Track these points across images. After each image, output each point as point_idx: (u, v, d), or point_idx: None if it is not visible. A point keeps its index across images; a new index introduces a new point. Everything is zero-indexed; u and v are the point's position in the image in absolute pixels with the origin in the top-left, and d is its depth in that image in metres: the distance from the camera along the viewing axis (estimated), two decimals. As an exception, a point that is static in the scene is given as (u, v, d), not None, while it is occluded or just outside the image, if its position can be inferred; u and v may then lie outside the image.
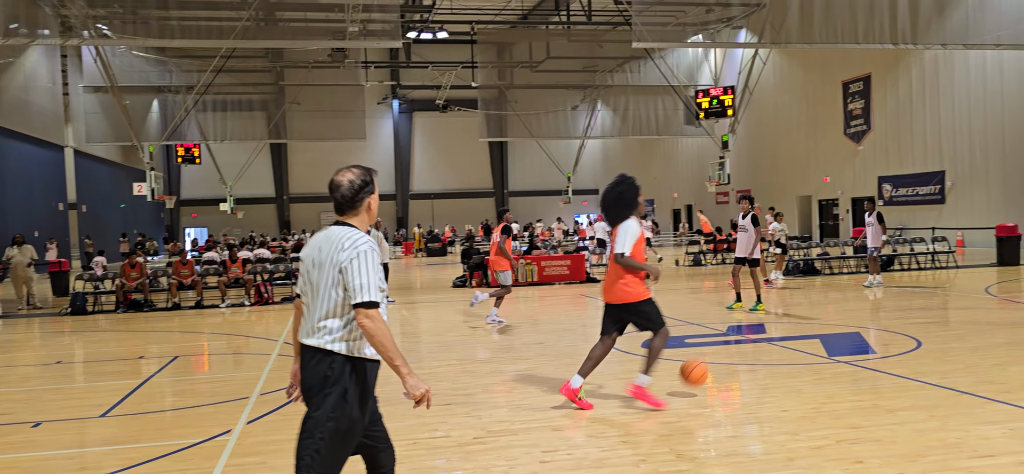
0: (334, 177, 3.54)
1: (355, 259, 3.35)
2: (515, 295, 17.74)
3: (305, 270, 3.52)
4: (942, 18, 23.13)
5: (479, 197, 59.45)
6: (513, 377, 8.19)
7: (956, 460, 4.95)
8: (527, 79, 43.97)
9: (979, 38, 23.17)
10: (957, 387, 6.91)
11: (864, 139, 33.13)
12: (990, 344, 9.22)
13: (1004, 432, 5.52)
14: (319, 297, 3.42)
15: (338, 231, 3.46)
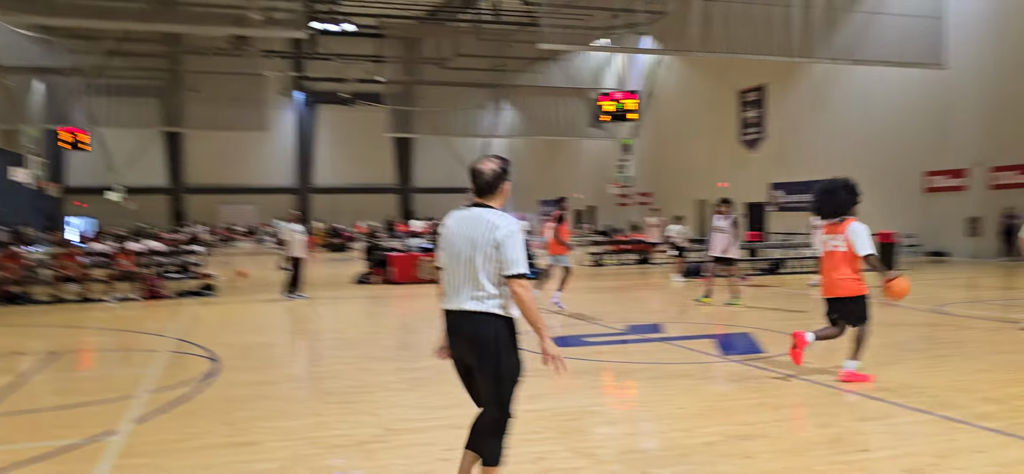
0: (476, 165, 4.09)
1: (509, 237, 3.90)
2: (419, 293, 17.63)
3: (451, 246, 4.04)
4: (832, 34, 24.30)
5: (383, 193, 58.81)
6: (414, 375, 8.13)
7: (837, 455, 5.21)
8: (434, 76, 43.77)
9: (865, 55, 24.46)
10: (838, 385, 7.26)
11: (758, 146, 34.47)
12: (870, 343, 9.73)
13: (881, 428, 5.83)
14: (474, 269, 3.96)
15: (485, 213, 3.99)
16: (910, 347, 9.49)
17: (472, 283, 3.98)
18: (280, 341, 11.18)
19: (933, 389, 7.12)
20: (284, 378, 8.27)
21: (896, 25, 24.38)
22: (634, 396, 7.22)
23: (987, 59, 24.61)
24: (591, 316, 12.82)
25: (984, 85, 24.75)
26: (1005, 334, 10.23)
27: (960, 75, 25.09)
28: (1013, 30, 23.85)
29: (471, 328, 4.01)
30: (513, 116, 47.49)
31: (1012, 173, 24.04)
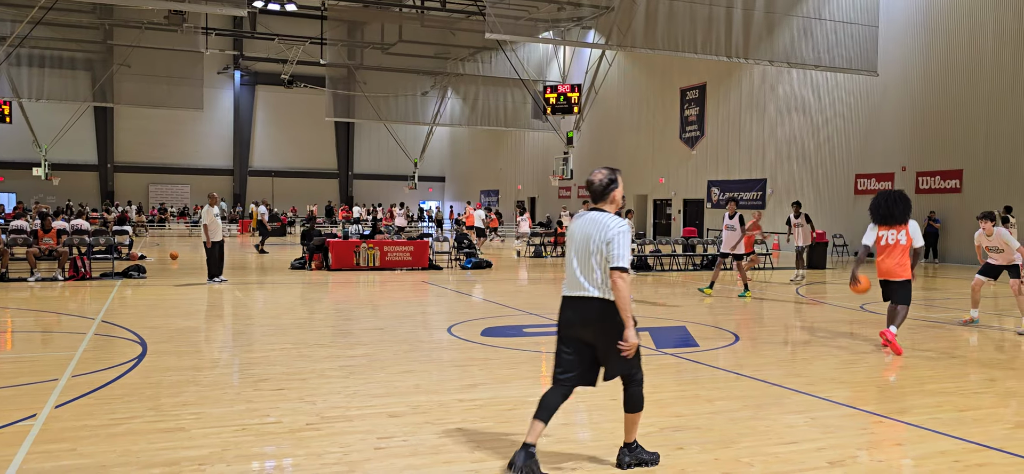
0: (590, 176, 4.84)
1: (619, 236, 4.57)
2: (355, 279, 17.46)
3: (573, 243, 4.77)
4: (771, 37, 24.83)
5: (323, 178, 58.01)
6: (350, 362, 8.05)
7: (765, 446, 5.34)
8: (377, 61, 43.30)
9: (801, 58, 25.07)
10: (768, 379, 7.45)
11: (697, 144, 35.05)
12: (798, 340, 10.02)
13: (806, 420, 6.00)
14: (591, 263, 4.65)
15: (600, 216, 4.71)
16: (835, 344, 9.78)
17: (589, 274, 4.67)
18: (211, 326, 10.94)
19: (856, 384, 7.35)
20: (214, 364, 8.09)
21: (833, 31, 25.06)
22: (570, 387, 7.27)
23: (914, 67, 25.48)
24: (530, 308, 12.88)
25: (911, 92, 25.62)
26: (924, 332, 10.62)
27: (889, 82, 25.93)
28: (939, 40, 24.74)
29: (589, 312, 4.67)
30: (457, 105, 47.31)
31: (935, 177, 24.96)
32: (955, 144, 24.34)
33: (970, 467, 4.98)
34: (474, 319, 11.40)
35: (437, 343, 9.45)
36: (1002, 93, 22.98)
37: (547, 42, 40.38)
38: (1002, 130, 22.99)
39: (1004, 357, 9.01)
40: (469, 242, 22.71)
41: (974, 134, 23.78)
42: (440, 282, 17.18)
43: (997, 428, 5.89)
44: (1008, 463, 5.08)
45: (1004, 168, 22.84)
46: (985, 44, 23.47)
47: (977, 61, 23.69)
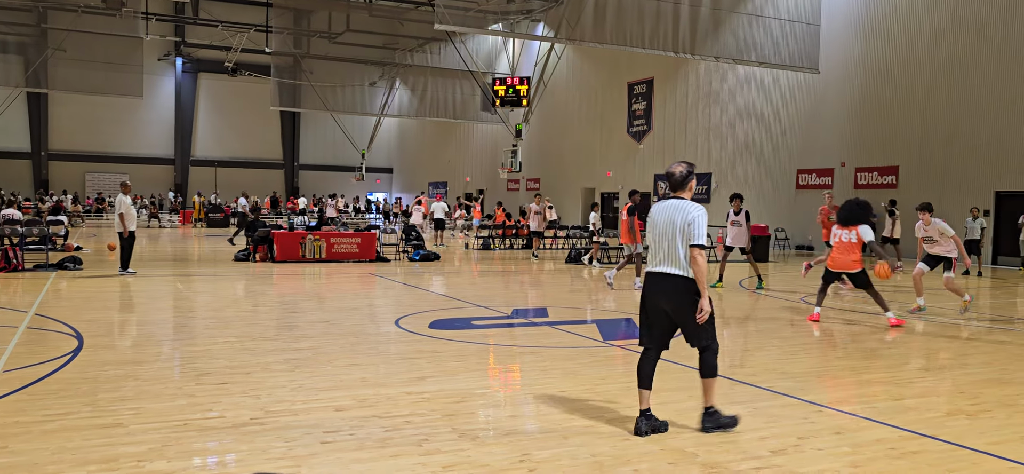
0: (669, 168, 5.56)
1: (698, 219, 5.28)
2: (300, 272, 17.24)
3: (657, 227, 5.46)
4: (717, 33, 25.19)
5: (267, 168, 57.06)
6: (295, 356, 7.94)
7: (711, 436, 5.42)
8: (324, 50, 42.71)
9: (746, 55, 25.50)
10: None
11: (644, 139, 35.42)
12: (742, 332, 10.20)
13: (750, 410, 6.11)
14: (670, 243, 5.35)
15: (680, 203, 5.42)
16: (775, 335, 9.99)
17: (673, 254, 5.34)
18: (151, 319, 10.68)
19: (796, 375, 7.52)
20: (154, 358, 7.90)
21: (776, 29, 25.53)
22: (517, 379, 7.30)
23: (854, 66, 26.12)
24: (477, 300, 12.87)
25: (851, 90, 26.27)
26: (861, 325, 10.91)
27: (830, 80, 26.54)
28: (878, 40, 25.40)
29: (671, 286, 5.35)
30: (405, 96, 46.97)
31: (873, 173, 25.65)
32: (892, 141, 25.04)
33: (906, 454, 5.14)
34: (422, 311, 11.35)
35: (384, 336, 9.38)
36: (937, 93, 23.70)
37: (496, 34, 40.36)
38: (936, 128, 23.73)
39: (938, 346, 9.31)
40: (417, 234, 22.59)
41: (910, 132, 24.49)
42: (388, 274, 17.06)
43: (931, 416, 6.08)
44: (941, 450, 5.25)
45: (938, 165, 23.58)
46: (921, 45, 24.17)
47: (913, 61, 24.39)
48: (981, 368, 8.04)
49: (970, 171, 22.66)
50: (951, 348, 9.26)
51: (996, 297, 14.83)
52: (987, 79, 22.35)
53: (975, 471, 4.84)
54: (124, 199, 15.60)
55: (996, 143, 22.13)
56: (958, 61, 23.12)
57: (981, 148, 22.49)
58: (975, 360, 8.50)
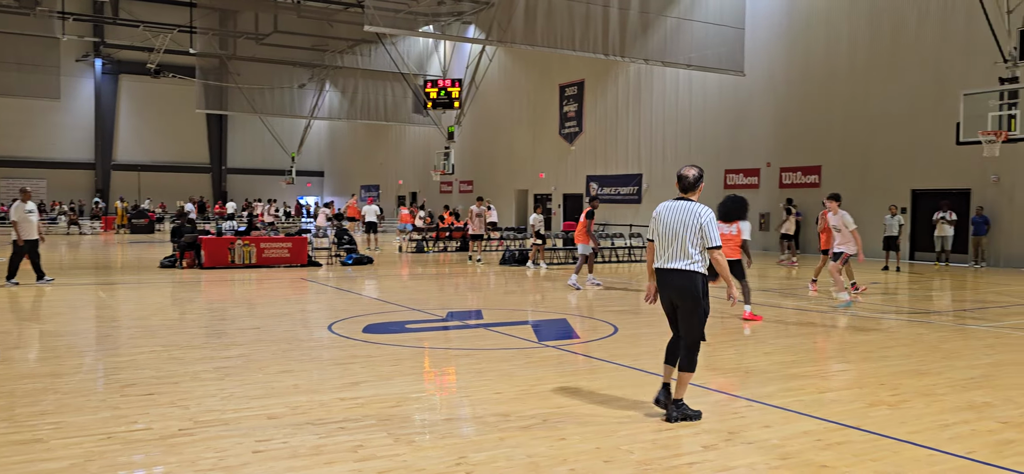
0: (681, 171, 5.99)
1: (709, 222, 5.74)
2: (229, 278, 16.86)
3: (663, 226, 5.86)
4: (646, 36, 25.60)
5: (193, 172, 55.60)
6: (225, 364, 7.75)
7: (643, 433, 5.51)
8: (252, 51, 41.81)
9: (674, 57, 25.98)
10: (646, 368, 7.69)
11: (576, 140, 35.76)
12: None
13: (682, 408, 6.22)
14: (680, 242, 5.76)
15: (690, 205, 5.83)
16: (707, 332, 10.19)
17: (682, 251, 5.77)
18: (71, 329, 10.29)
19: (726, 371, 7.70)
20: (75, 369, 7.61)
21: (703, 32, 26.08)
22: (453, 382, 7.28)
23: (777, 69, 26.87)
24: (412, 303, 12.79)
25: (775, 93, 27.02)
26: (789, 320, 11.24)
27: (755, 82, 27.25)
28: (799, 45, 26.19)
29: (680, 281, 5.77)
30: (335, 98, 46.37)
31: (797, 173, 26.43)
32: (815, 142, 25.83)
33: (832, 445, 5.31)
34: (355, 316, 11.22)
35: (317, 341, 9.25)
36: (855, 96, 24.56)
37: (427, 36, 40.18)
38: (856, 129, 24.58)
39: (859, 340, 9.64)
40: (350, 238, 22.32)
41: (831, 133, 25.31)
42: (320, 279, 16.81)
43: (855, 407, 6.29)
44: (864, 440, 5.44)
45: (858, 164, 24.43)
46: (840, 49, 25.00)
47: (833, 66, 25.22)
48: (901, 360, 8.36)
49: (888, 170, 23.55)
50: (873, 341, 9.60)
51: (913, 291, 15.44)
52: (902, 83, 23.26)
53: (896, 459, 5.03)
54: (21, 205, 14.85)
55: (911, 143, 23.05)
56: (875, 66, 24.01)
57: (898, 148, 23.39)
58: (895, 352, 8.83)
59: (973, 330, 10.51)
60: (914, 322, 11.18)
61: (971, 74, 20.50)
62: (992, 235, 21.20)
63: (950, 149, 20.06)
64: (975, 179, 21.62)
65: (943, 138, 21.04)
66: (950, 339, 9.66)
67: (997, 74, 16.35)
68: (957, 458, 5.05)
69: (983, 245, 21.15)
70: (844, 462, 4.95)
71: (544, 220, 20.89)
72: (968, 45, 21.09)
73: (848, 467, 4.86)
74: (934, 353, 8.72)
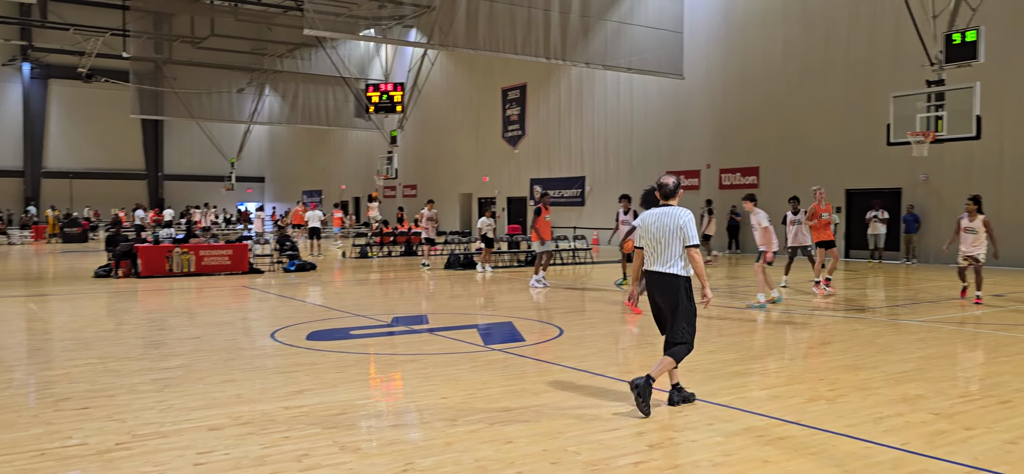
0: (662, 179, 6.38)
1: (688, 223, 6.13)
2: (168, 287, 16.46)
3: (650, 232, 6.21)
4: (587, 40, 25.83)
5: (129, 179, 54.15)
6: (164, 375, 7.56)
7: (590, 434, 5.55)
8: (188, 55, 40.93)
9: (615, 61, 26.28)
10: (591, 369, 7.75)
11: (519, 143, 35.86)
12: (618, 331, 10.49)
13: (628, 408, 6.29)
14: (667, 246, 6.12)
15: (671, 209, 6.21)
16: (649, 332, 10.32)
17: (667, 255, 6.12)
18: (1, 343, 9.91)
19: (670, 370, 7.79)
20: (5, 384, 7.33)
21: (643, 36, 26.45)
22: (399, 388, 7.23)
23: (716, 73, 27.40)
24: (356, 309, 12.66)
25: (713, 96, 27.53)
26: (730, 319, 11.45)
27: (694, 85, 27.73)
28: (736, 49, 26.75)
29: (665, 283, 6.15)
30: (275, 103, 45.65)
31: (736, 174, 26.97)
32: (752, 143, 26.40)
33: (773, 440, 5.42)
34: (299, 323, 11.06)
35: (260, 350, 9.09)
36: (791, 98, 25.17)
37: (368, 40, 39.81)
38: (792, 131, 25.19)
39: (798, 337, 9.87)
40: (292, 244, 22.00)
41: (768, 134, 25.90)
42: (262, 286, 16.52)
43: (794, 402, 6.44)
44: (805, 434, 5.57)
45: (795, 165, 25.03)
46: (775, 53, 25.61)
47: (769, 69, 25.81)
48: (838, 355, 8.59)
49: (823, 170, 24.17)
50: (811, 338, 9.84)
51: (849, 288, 15.87)
52: (835, 85, 23.92)
53: (834, 452, 5.17)
54: None
55: (845, 144, 23.72)
56: (809, 69, 24.64)
57: (832, 149, 24.05)
58: (832, 348, 9.07)
59: (905, 325, 10.86)
60: (850, 318, 11.50)
61: (900, 77, 21.19)
62: (922, 233, 21.95)
63: (881, 150, 20.69)
64: (906, 179, 22.36)
65: (875, 139, 21.70)
66: (884, 334, 9.96)
67: (924, 77, 16.91)
68: (892, 450, 5.21)
69: (914, 242, 21.89)
70: (785, 456, 5.07)
71: (493, 225, 20.81)
72: (897, 49, 21.81)
73: (789, 461, 4.97)
74: (869, 348, 8.98)
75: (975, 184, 19.88)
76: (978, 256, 12.81)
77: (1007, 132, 20.15)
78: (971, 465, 4.90)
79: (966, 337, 10.01)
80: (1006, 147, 20.27)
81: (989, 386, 7.11)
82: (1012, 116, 20.06)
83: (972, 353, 9.03)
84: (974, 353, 9.02)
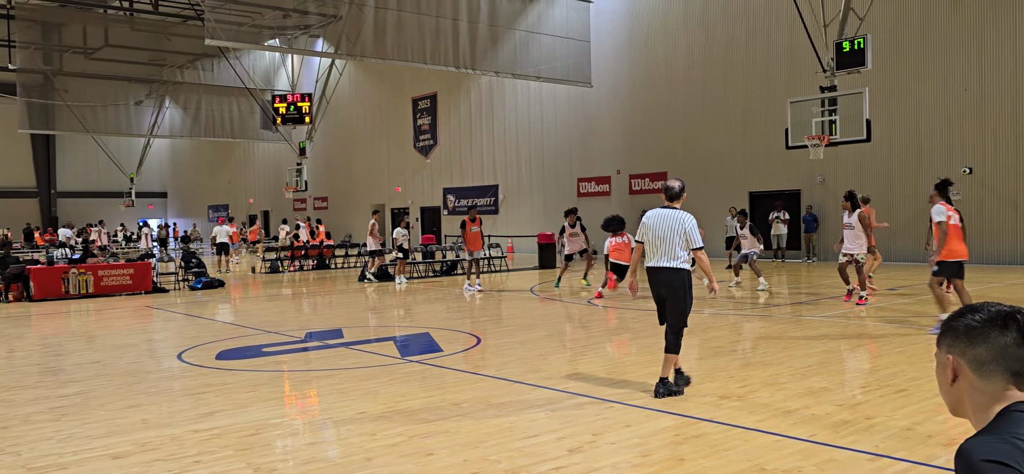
0: (668, 183, 6.94)
1: (693, 227, 6.72)
2: (64, 310, 15.68)
3: (653, 230, 6.77)
4: (496, 49, 25.97)
5: (18, 197, 51.35)
6: (62, 403, 7.18)
7: (510, 442, 5.55)
8: (81, 67, 39.10)
9: (524, 70, 26.51)
10: (510, 377, 7.77)
11: (431, 153, 35.73)
12: (535, 337, 10.55)
13: (546, 413, 6.33)
14: (668, 244, 6.69)
15: (676, 212, 6.79)
16: (569, 337, 10.43)
17: (670, 251, 6.72)
18: None
19: (589, 375, 7.90)
20: None
21: (550, 45, 26.77)
22: (315, 404, 7.07)
23: (622, 80, 27.96)
24: (268, 325, 12.34)
25: (621, 103, 28.08)
26: (645, 322, 11.67)
27: (602, 93, 28.22)
28: (641, 57, 27.36)
29: (668, 277, 6.73)
30: (177, 115, 44.12)
31: (645, 179, 27.57)
32: (660, 149, 27.03)
33: (688, 438, 5.55)
34: (207, 342, 10.69)
35: (166, 372, 8.74)
36: (694, 103, 25.91)
37: (273, 50, 38.99)
38: (697, 136, 25.92)
39: (709, 336, 10.14)
40: (198, 261, 21.28)
41: (674, 140, 26.58)
42: (167, 306, 15.92)
43: (707, 400, 6.61)
44: (717, 431, 5.72)
45: (700, 169, 25.76)
46: (678, 60, 26.32)
47: (673, 76, 26.51)
48: (747, 353, 8.86)
49: (727, 174, 24.97)
50: (722, 337, 10.12)
51: (755, 287, 16.41)
52: (735, 91, 24.75)
53: (747, 447, 5.32)
54: None
55: (747, 148, 24.56)
56: (710, 75, 25.42)
57: (734, 153, 24.86)
58: (742, 346, 9.35)
59: (809, 321, 11.30)
60: (757, 316, 11.89)
61: (797, 82, 22.11)
62: (821, 232, 22.92)
63: (781, 153, 21.50)
64: (804, 180, 23.31)
65: (774, 143, 22.54)
66: (789, 331, 10.34)
67: (818, 83, 17.69)
68: (801, 441, 5.40)
69: (814, 241, 22.85)
70: (700, 454, 5.19)
71: (407, 234, 20.57)
72: (792, 56, 22.73)
73: (704, 459, 5.10)
74: (776, 344, 9.30)
75: (867, 184, 20.90)
76: (856, 255, 12.63)
77: (896, 134, 21.26)
78: (873, 452, 5.13)
79: (864, 330, 10.50)
80: (895, 148, 21.38)
81: (886, 376, 7.46)
82: (900, 118, 21.18)
83: (870, 346, 9.47)
84: (872, 345, 9.46)
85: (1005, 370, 1.74)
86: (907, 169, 21.23)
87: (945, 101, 20.48)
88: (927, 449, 5.16)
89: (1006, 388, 1.75)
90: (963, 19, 20.04)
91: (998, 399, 1.75)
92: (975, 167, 19.93)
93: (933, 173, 20.70)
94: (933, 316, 10.58)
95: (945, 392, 1.85)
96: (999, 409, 1.73)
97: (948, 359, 1.82)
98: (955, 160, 20.30)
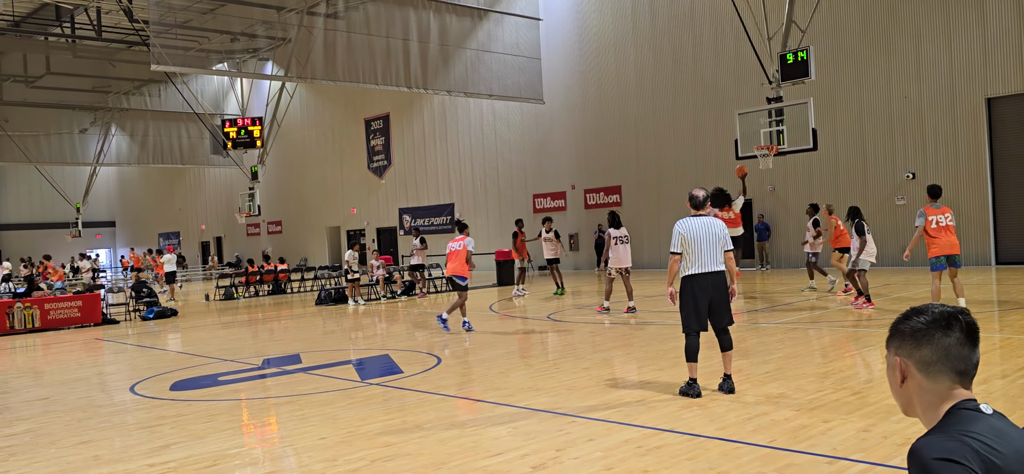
0: (693, 192, 7.40)
1: (726, 233, 7.25)
2: (8, 345, 15.20)
3: (695, 239, 7.12)
4: (447, 68, 26.00)
5: (-42, 231, 49.74)
6: (9, 442, 6.95)
7: (474, 461, 5.52)
8: (22, 95, 38.17)
9: (476, 88, 26.57)
10: (471, 396, 7.73)
11: (385, 173, 35.57)
12: (495, 355, 10.53)
13: (509, 431, 6.31)
14: (711, 248, 7.12)
15: (708, 219, 7.22)
16: (529, 354, 10.43)
17: (714, 256, 7.14)
18: None
19: (550, 390, 7.90)
20: None
21: (501, 63, 26.89)
22: (274, 432, 6.96)
23: (574, 97, 28.20)
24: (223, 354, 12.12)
25: (574, 119, 28.31)
26: (603, 335, 11.73)
27: (555, 110, 28.42)
28: (593, 70, 27.63)
29: (717, 280, 7.16)
30: (124, 142, 43.25)
31: (599, 193, 27.78)
32: (613, 164, 27.29)
33: (651, 450, 5.58)
34: (161, 373, 10.46)
35: (119, 405, 8.53)
36: (645, 117, 26.23)
37: (221, 74, 38.51)
38: (649, 148, 26.23)
39: (668, 347, 10.22)
40: (149, 291, 20.84)
41: (627, 154, 26.85)
42: (118, 337, 15.54)
43: (669, 411, 6.66)
44: (680, 441, 5.77)
45: (654, 183, 26.06)
46: (629, 75, 26.64)
47: (624, 92, 26.82)
48: (705, 362, 8.94)
49: (679, 186, 25.25)
50: (680, 348, 10.21)
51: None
52: (685, 104, 25.12)
53: (709, 456, 5.37)
54: None
55: (698, 159, 24.91)
56: (660, 88, 25.77)
57: (686, 165, 25.20)
58: (701, 355, 9.43)
59: (765, 328, 11.47)
60: (713, 325, 12.02)
61: (744, 94, 22.52)
62: (773, 240, 23.32)
63: (731, 163, 21.84)
64: (755, 190, 23.70)
65: (724, 153, 22.92)
66: (746, 338, 10.48)
67: (764, 94, 18.04)
68: (760, 447, 5.47)
69: (767, 249, 23.23)
70: (663, 465, 5.22)
71: (358, 256, 20.46)
72: (738, 68, 23.17)
73: (667, 469, 5.13)
74: (734, 352, 9.40)
75: (816, 191, 21.35)
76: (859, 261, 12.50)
77: (840, 141, 21.77)
78: (831, 455, 5.22)
79: (818, 336, 10.69)
80: (840, 155, 21.89)
81: (841, 380, 7.60)
82: (843, 126, 21.70)
83: (824, 350, 9.64)
84: (826, 350, 9.63)
85: (950, 370, 1.80)
86: (852, 174, 21.74)
87: (887, 108, 21.05)
88: (884, 450, 5.27)
89: (952, 387, 1.80)
90: (899, 27, 20.65)
91: (946, 398, 1.80)
92: (917, 172, 20.49)
93: (878, 179, 21.28)
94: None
95: (896, 393, 1.90)
96: (948, 407, 1.78)
97: (896, 361, 1.87)
98: (899, 166, 20.86)
